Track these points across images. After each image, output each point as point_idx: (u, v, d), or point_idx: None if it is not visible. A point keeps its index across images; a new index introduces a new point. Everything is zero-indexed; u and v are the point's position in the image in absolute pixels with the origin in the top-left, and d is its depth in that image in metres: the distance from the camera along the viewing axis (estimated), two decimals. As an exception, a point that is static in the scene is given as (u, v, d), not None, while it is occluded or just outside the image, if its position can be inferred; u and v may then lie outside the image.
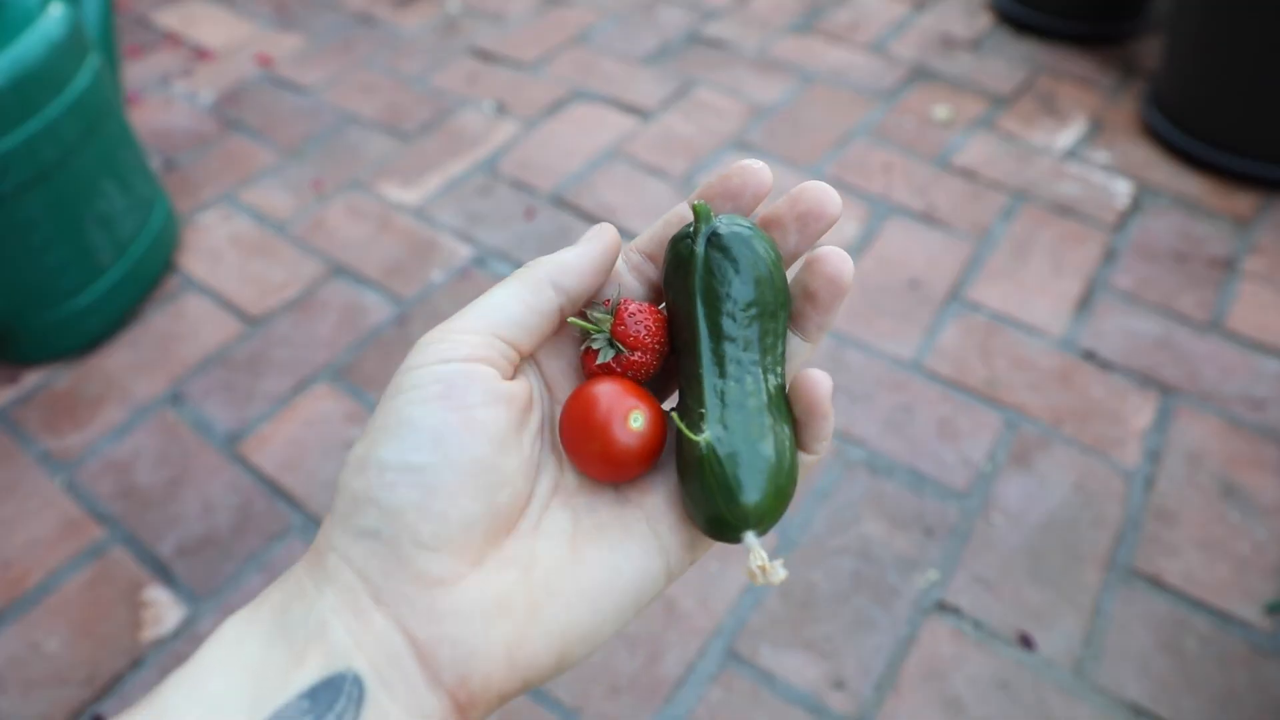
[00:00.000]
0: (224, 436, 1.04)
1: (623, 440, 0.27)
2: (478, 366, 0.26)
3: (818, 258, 0.28)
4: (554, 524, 0.27)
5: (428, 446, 0.25)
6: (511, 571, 0.26)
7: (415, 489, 0.24)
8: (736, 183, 0.30)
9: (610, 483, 0.29)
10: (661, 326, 0.30)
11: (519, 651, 0.25)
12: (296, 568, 0.26)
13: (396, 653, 0.24)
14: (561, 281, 0.29)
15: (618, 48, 1.71)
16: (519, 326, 0.28)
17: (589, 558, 0.27)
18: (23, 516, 0.96)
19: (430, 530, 0.24)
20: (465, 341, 0.27)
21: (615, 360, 0.29)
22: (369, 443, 0.25)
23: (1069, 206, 1.35)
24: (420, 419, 0.25)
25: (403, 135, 1.50)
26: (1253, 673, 0.83)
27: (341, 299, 1.21)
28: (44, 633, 0.86)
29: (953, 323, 1.17)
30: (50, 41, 0.99)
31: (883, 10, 1.83)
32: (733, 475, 0.26)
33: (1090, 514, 0.96)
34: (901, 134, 1.49)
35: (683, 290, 0.28)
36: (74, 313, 1.10)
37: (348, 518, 0.25)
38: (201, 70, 1.66)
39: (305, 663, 0.23)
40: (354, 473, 0.25)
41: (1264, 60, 1.28)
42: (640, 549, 0.27)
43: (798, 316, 0.30)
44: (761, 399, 0.27)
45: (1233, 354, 1.12)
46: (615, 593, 0.26)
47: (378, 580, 0.24)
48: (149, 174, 1.23)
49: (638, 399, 0.28)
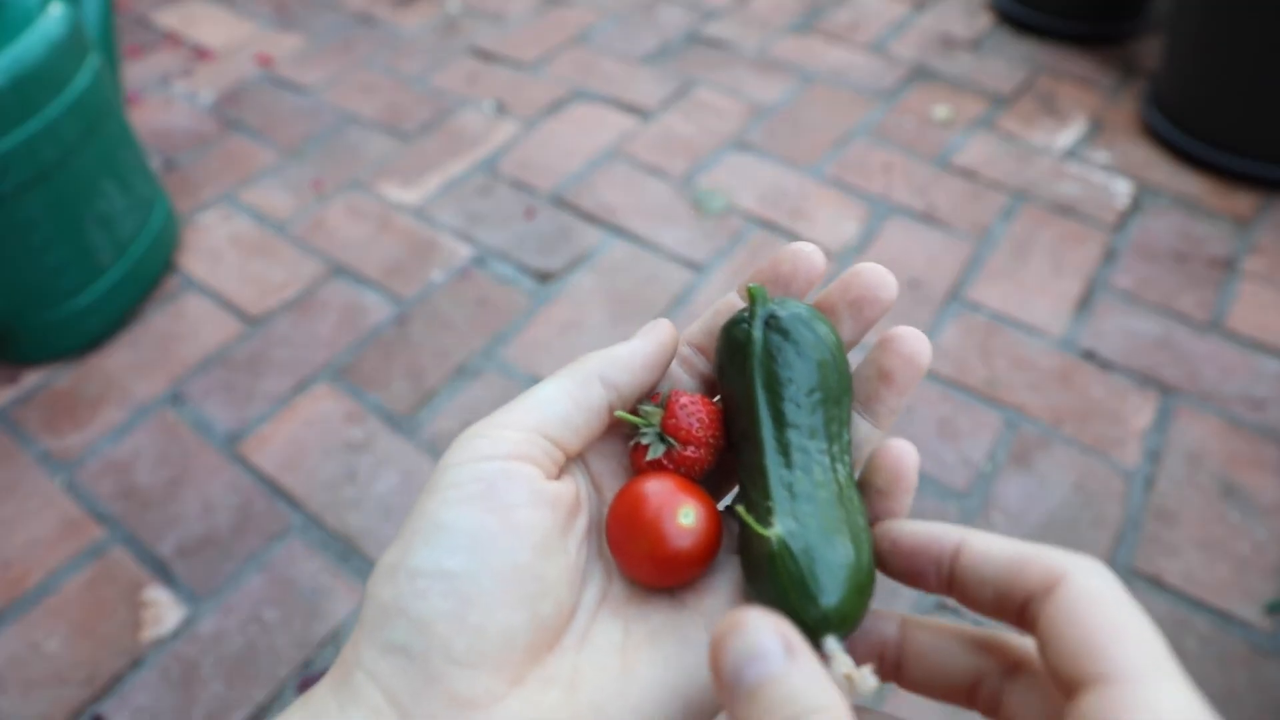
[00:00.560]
0: (224, 436, 1.04)
1: (673, 539, 0.25)
2: (521, 465, 0.24)
3: (895, 337, 0.27)
4: (602, 636, 0.25)
5: (464, 551, 0.23)
6: (555, 691, 0.23)
7: (449, 598, 0.22)
8: (787, 268, 0.28)
9: (662, 588, 0.26)
10: (716, 419, 0.28)
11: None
12: (321, 684, 0.23)
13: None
14: (612, 377, 0.27)
15: (618, 47, 1.71)
16: (566, 424, 0.26)
17: (641, 673, 0.24)
18: (23, 516, 0.96)
19: (465, 644, 0.22)
20: (508, 438, 0.25)
21: (667, 456, 0.27)
22: (401, 547, 0.23)
23: (1069, 206, 1.35)
24: (456, 521, 0.23)
25: (403, 135, 1.50)
26: (1253, 673, 0.83)
27: (341, 299, 1.21)
28: (44, 633, 0.86)
29: (953, 322, 1.17)
30: (50, 41, 0.99)
31: (883, 10, 1.83)
32: (809, 574, 0.23)
33: (1090, 514, 0.96)
34: (901, 134, 1.49)
35: (740, 376, 0.27)
36: (74, 313, 1.10)
37: (375, 630, 0.23)
38: (201, 70, 1.66)
39: None
40: (383, 580, 0.23)
41: (1264, 60, 1.28)
42: (700, 660, 0.24)
43: (869, 399, 0.28)
44: (832, 489, 0.25)
45: (1233, 354, 1.12)
46: (671, 710, 0.24)
47: (407, 702, 0.22)
48: (149, 174, 1.23)
49: (689, 495, 0.26)
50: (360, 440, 1.03)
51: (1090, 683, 0.19)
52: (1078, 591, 0.21)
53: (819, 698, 0.19)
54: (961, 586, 0.23)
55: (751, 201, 1.36)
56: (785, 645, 0.20)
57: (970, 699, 0.24)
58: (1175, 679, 0.19)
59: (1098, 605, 0.20)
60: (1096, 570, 0.21)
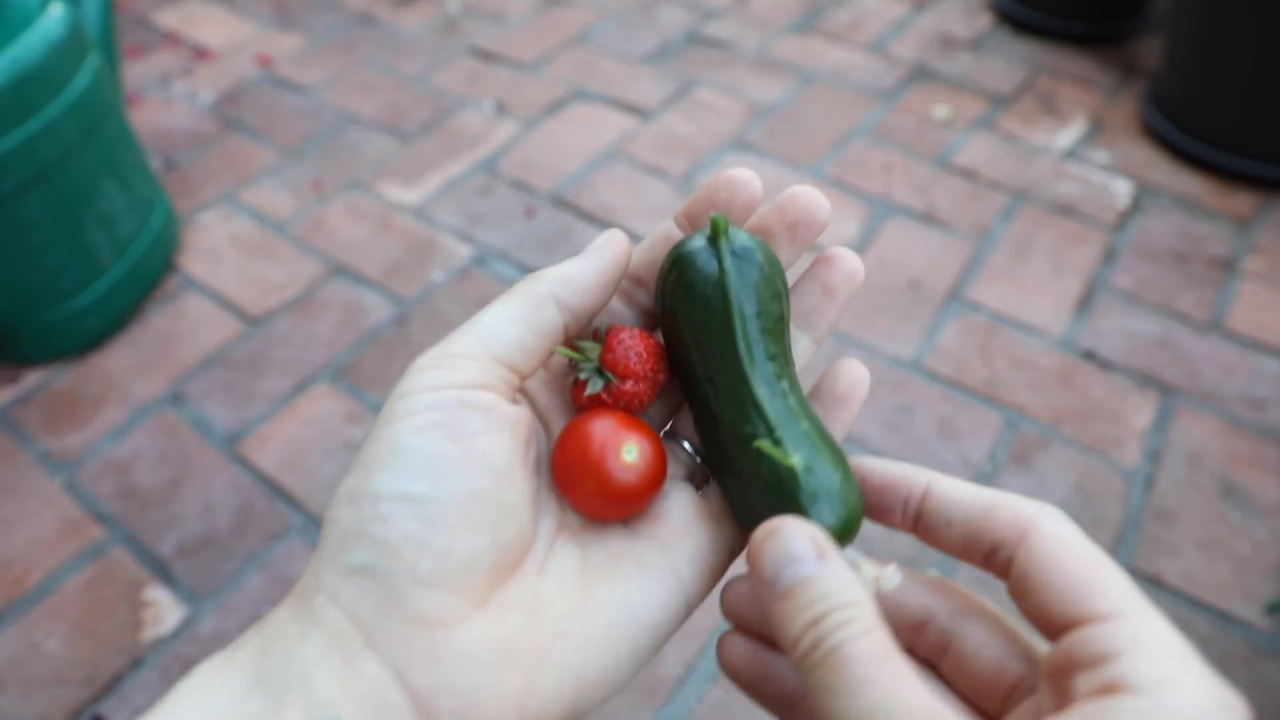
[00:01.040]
0: (224, 436, 1.04)
1: (618, 476, 0.25)
2: (478, 393, 0.25)
3: (836, 255, 0.29)
4: (561, 563, 0.25)
5: (426, 477, 0.23)
6: (517, 615, 0.23)
7: (413, 521, 0.22)
8: (725, 195, 0.29)
9: (614, 521, 0.27)
10: (655, 354, 0.28)
11: (530, 700, 0.22)
12: (279, 610, 0.23)
13: (390, 703, 0.21)
14: (565, 297, 0.27)
15: (618, 48, 1.71)
16: (519, 349, 0.26)
17: (601, 596, 0.25)
18: (23, 516, 0.96)
19: (429, 566, 0.22)
20: (462, 367, 0.25)
21: (606, 391, 0.27)
22: (361, 474, 0.23)
23: (1069, 206, 1.35)
24: (417, 447, 0.23)
25: (403, 135, 1.50)
26: (1253, 673, 0.83)
27: (341, 299, 1.21)
28: (44, 632, 0.86)
29: (953, 322, 1.17)
30: (50, 41, 0.99)
31: (883, 10, 1.83)
32: (825, 494, 0.25)
33: (1090, 514, 0.96)
34: (901, 134, 1.49)
35: (709, 307, 0.27)
36: (74, 313, 1.10)
37: (337, 554, 0.23)
38: (201, 70, 1.66)
39: (284, 715, 0.20)
40: (344, 505, 0.23)
41: (1264, 60, 1.28)
42: (657, 583, 0.25)
43: (809, 315, 0.29)
44: (811, 413, 0.27)
45: (1233, 354, 1.12)
46: (631, 632, 0.24)
47: (370, 621, 0.22)
48: (149, 174, 1.23)
49: (632, 431, 0.26)
50: (360, 440, 1.03)
51: (1082, 621, 0.21)
52: (1050, 538, 0.22)
53: (849, 594, 0.21)
54: (927, 526, 0.25)
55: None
56: (818, 549, 0.22)
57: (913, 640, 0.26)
58: (1158, 616, 0.21)
59: (1073, 550, 0.22)
60: (1061, 517, 0.23)
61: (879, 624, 0.21)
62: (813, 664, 0.21)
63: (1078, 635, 0.21)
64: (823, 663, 0.20)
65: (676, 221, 0.30)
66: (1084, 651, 0.21)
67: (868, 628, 0.21)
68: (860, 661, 0.20)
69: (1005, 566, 0.23)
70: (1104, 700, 0.20)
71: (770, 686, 0.27)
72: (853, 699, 0.20)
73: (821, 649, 0.21)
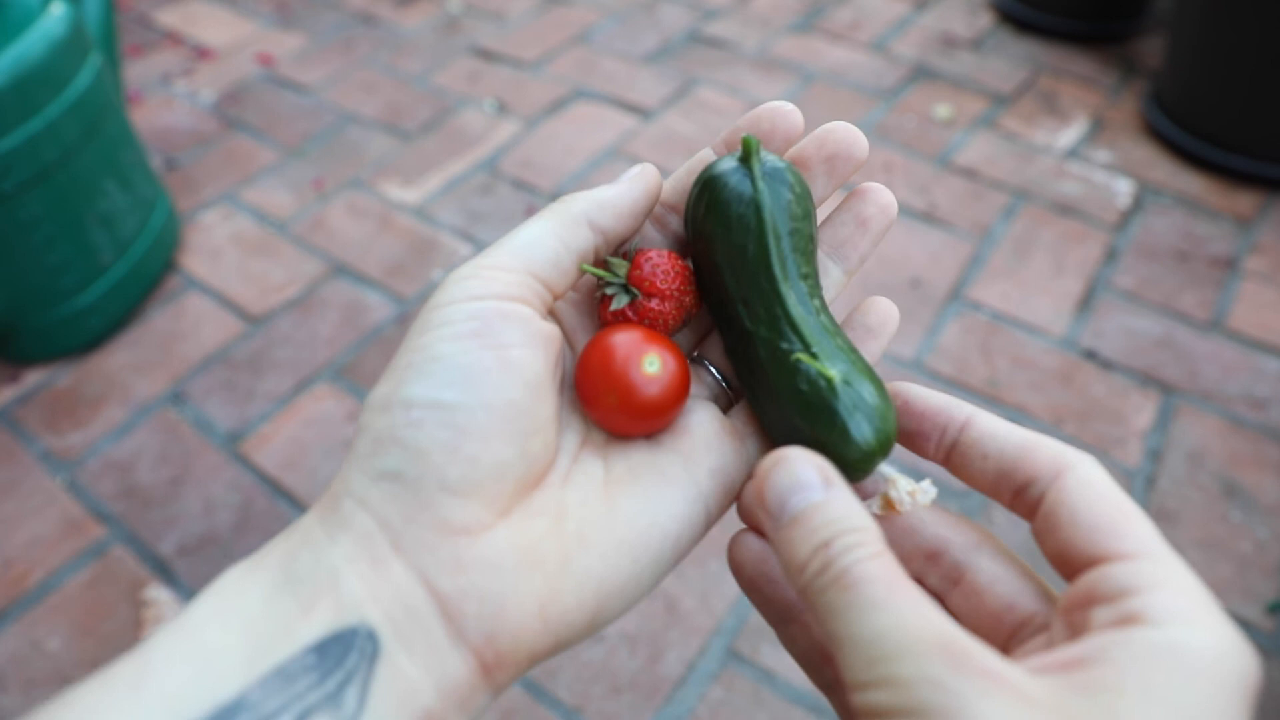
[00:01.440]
0: (225, 436, 1.04)
1: (640, 388, 0.25)
2: (515, 305, 0.25)
3: (868, 189, 0.29)
4: (584, 474, 0.26)
5: (460, 385, 0.23)
6: (541, 523, 0.24)
7: (444, 428, 0.22)
8: (767, 126, 0.29)
9: (636, 435, 0.27)
10: (683, 274, 0.28)
11: (552, 607, 0.23)
12: (308, 515, 0.23)
13: (417, 606, 0.21)
14: (599, 220, 0.27)
15: (618, 47, 1.71)
16: (554, 266, 0.26)
17: (623, 506, 0.25)
18: (24, 515, 0.96)
19: (459, 473, 0.22)
20: (499, 279, 0.25)
21: (631, 308, 0.27)
22: (395, 380, 0.23)
23: (1070, 206, 1.35)
24: (452, 356, 0.23)
25: (403, 134, 1.50)
26: (1254, 672, 0.83)
27: (342, 298, 1.21)
28: (45, 631, 0.87)
29: (954, 322, 1.17)
30: (51, 41, 0.99)
31: (884, 9, 1.83)
32: (863, 407, 0.25)
33: (1091, 513, 0.96)
34: (902, 133, 1.49)
35: (743, 226, 0.27)
36: (75, 312, 1.10)
37: (367, 459, 0.23)
38: (202, 69, 1.66)
39: (313, 615, 0.21)
40: (377, 411, 0.23)
41: (1265, 60, 1.28)
42: (678, 495, 0.25)
43: (843, 244, 0.30)
44: (842, 333, 0.27)
45: (1234, 353, 1.12)
46: (653, 541, 0.24)
47: (398, 526, 0.22)
48: (150, 173, 1.23)
49: (654, 344, 0.26)
50: (361, 439, 1.03)
51: (1106, 558, 0.21)
52: (1086, 479, 0.23)
53: (855, 520, 0.21)
54: (962, 458, 0.25)
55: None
56: (824, 477, 0.22)
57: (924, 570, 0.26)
58: (1180, 561, 0.21)
59: (1105, 493, 0.22)
60: (1097, 464, 0.23)
61: (887, 549, 0.21)
62: (821, 586, 0.21)
63: (1100, 571, 0.21)
64: (832, 585, 0.20)
65: (715, 150, 0.30)
66: (1105, 586, 0.21)
67: (877, 551, 0.21)
68: (872, 583, 0.20)
69: (1034, 505, 0.24)
70: (1121, 631, 0.20)
71: (771, 589, 0.27)
72: (864, 620, 0.19)
73: (830, 571, 0.21)
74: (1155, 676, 0.19)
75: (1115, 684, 0.18)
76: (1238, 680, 0.19)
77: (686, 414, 0.28)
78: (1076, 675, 0.19)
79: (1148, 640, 0.19)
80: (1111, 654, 0.19)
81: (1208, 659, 0.19)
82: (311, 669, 0.20)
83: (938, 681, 0.18)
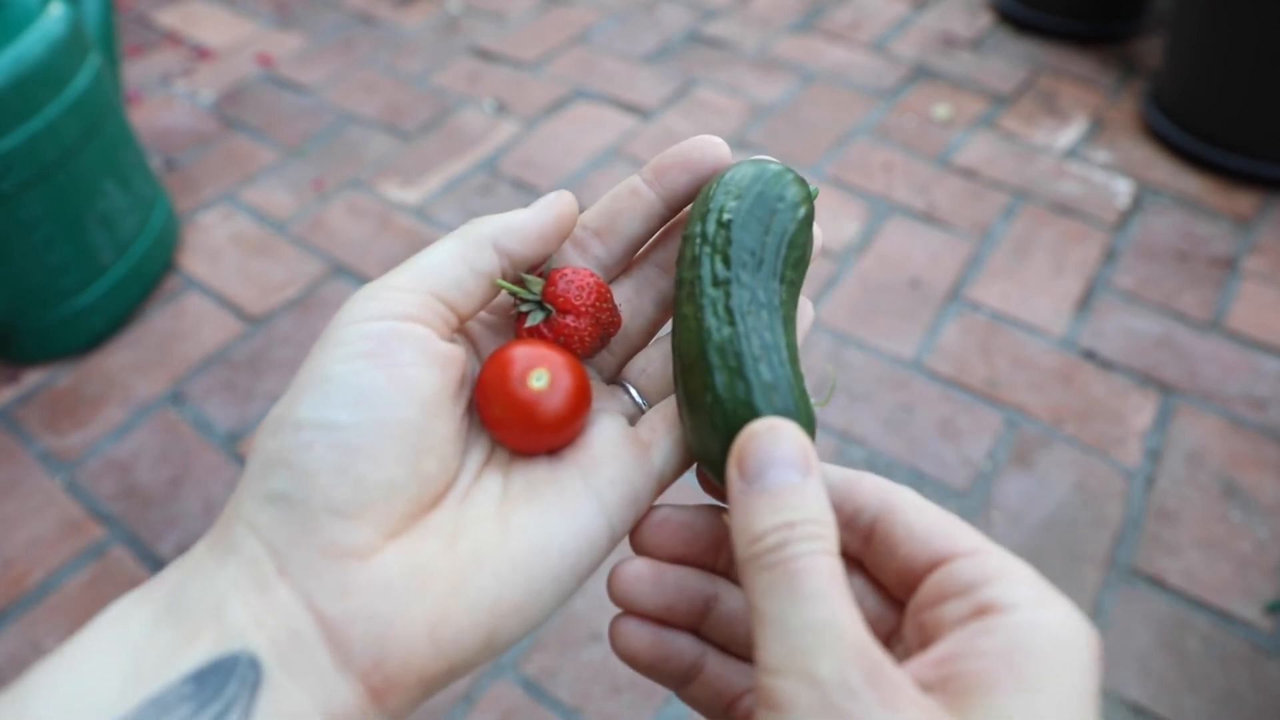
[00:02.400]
0: (225, 436, 1.04)
1: (531, 402, 0.25)
2: (412, 325, 0.24)
3: None
4: (483, 492, 0.25)
5: (350, 404, 0.23)
6: (433, 542, 0.23)
7: (333, 449, 0.22)
8: (696, 155, 0.29)
9: (536, 451, 0.27)
10: (599, 292, 0.27)
11: (443, 628, 0.22)
12: (200, 543, 0.23)
13: (302, 631, 0.21)
14: (505, 244, 0.27)
15: (618, 47, 1.71)
16: (458, 287, 0.26)
17: (518, 522, 0.24)
18: (24, 516, 0.96)
19: (346, 495, 0.22)
20: (398, 299, 0.25)
21: (546, 324, 0.27)
22: (288, 401, 0.23)
23: (1070, 206, 1.35)
24: (344, 376, 0.23)
25: (403, 134, 1.50)
26: (1254, 672, 0.83)
27: (342, 298, 1.21)
28: (45, 631, 0.87)
29: (953, 322, 1.17)
30: (51, 41, 0.99)
31: (883, 9, 1.83)
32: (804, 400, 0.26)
33: (1090, 513, 0.96)
34: (902, 133, 1.49)
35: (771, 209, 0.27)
36: (75, 312, 1.10)
37: (257, 481, 0.22)
38: (202, 69, 1.66)
39: (195, 643, 0.20)
40: (268, 433, 0.23)
41: (1264, 59, 1.28)
42: (575, 509, 0.25)
43: None
44: None
45: (1233, 353, 1.12)
46: (551, 559, 0.24)
47: (284, 549, 0.21)
48: (149, 173, 1.23)
49: (547, 357, 0.26)
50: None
51: (946, 559, 0.23)
52: (911, 501, 0.24)
53: (822, 515, 0.22)
54: None
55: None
56: (806, 462, 0.23)
57: None
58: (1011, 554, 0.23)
59: (930, 510, 0.24)
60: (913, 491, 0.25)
61: (838, 554, 0.22)
62: (768, 563, 0.21)
63: (943, 570, 0.22)
64: (779, 564, 0.21)
65: (643, 177, 0.30)
66: (950, 583, 0.22)
67: (830, 550, 0.22)
68: (816, 575, 0.21)
69: (865, 534, 0.25)
70: (979, 621, 0.21)
71: (669, 665, 0.27)
72: (798, 608, 0.20)
73: (784, 552, 0.21)
74: (1023, 662, 0.20)
75: (990, 682, 0.20)
76: (1088, 652, 0.20)
77: (589, 427, 0.27)
78: (952, 682, 0.20)
79: (1007, 626, 0.20)
80: (977, 646, 0.20)
81: (1061, 636, 0.20)
82: (188, 699, 0.20)
83: (852, 688, 0.19)
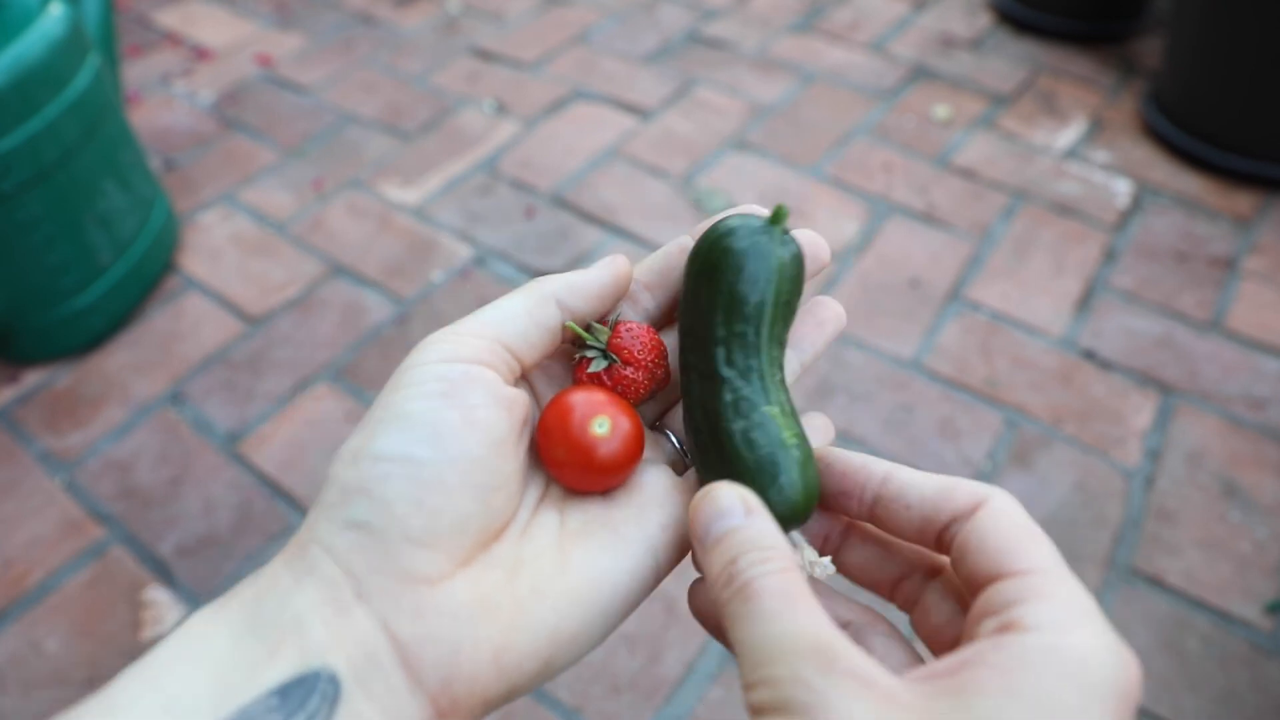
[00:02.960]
0: (224, 436, 1.04)
1: (592, 446, 0.27)
2: (482, 369, 0.26)
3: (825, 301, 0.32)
4: (541, 529, 0.27)
5: (427, 441, 0.24)
6: (498, 574, 0.25)
7: (410, 482, 0.24)
8: None
9: (590, 491, 0.29)
10: (657, 348, 0.30)
11: (506, 655, 0.24)
12: (274, 562, 0.24)
13: (377, 652, 0.22)
14: (568, 301, 0.29)
15: (618, 47, 1.71)
16: (523, 338, 0.28)
17: (575, 559, 0.26)
18: (23, 516, 0.96)
19: (421, 525, 0.24)
20: (468, 344, 0.27)
21: (607, 373, 0.29)
22: (365, 435, 0.25)
23: (1069, 206, 1.35)
24: (420, 414, 0.25)
25: (403, 135, 1.50)
26: (1254, 672, 0.83)
27: (342, 299, 1.21)
28: (44, 632, 0.86)
29: (953, 322, 1.17)
30: (50, 41, 0.99)
31: (883, 9, 1.83)
32: (802, 468, 0.26)
33: (1090, 513, 0.96)
34: (901, 133, 1.49)
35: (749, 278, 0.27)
36: (75, 312, 1.10)
37: (335, 508, 0.24)
38: (201, 70, 1.66)
39: (277, 659, 0.22)
40: (346, 464, 0.25)
41: (1264, 60, 1.28)
42: (628, 549, 0.27)
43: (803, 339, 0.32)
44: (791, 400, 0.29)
45: (1233, 353, 1.12)
46: (603, 594, 0.26)
47: (362, 574, 0.23)
48: (149, 174, 1.23)
49: (609, 406, 0.28)
50: (360, 440, 1.03)
51: (1001, 576, 0.23)
52: (998, 510, 0.24)
53: (766, 540, 0.23)
54: (886, 510, 0.27)
55: (752, 201, 1.35)
56: (745, 506, 0.24)
57: (892, 593, 0.28)
58: (1073, 578, 0.23)
59: (1012, 520, 0.24)
60: (1010, 497, 0.25)
61: (794, 567, 0.23)
62: (727, 597, 0.23)
63: (993, 588, 0.23)
64: (736, 595, 0.22)
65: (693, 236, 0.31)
66: (994, 600, 0.22)
67: (781, 567, 0.22)
68: (770, 595, 0.22)
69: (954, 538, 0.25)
70: (997, 637, 0.21)
71: None
72: (756, 628, 0.21)
73: (735, 583, 0.22)
74: (1021, 678, 0.19)
75: (980, 685, 0.20)
76: (1110, 686, 0.20)
77: (641, 472, 0.29)
78: (946, 679, 0.20)
79: (1020, 645, 0.20)
80: (985, 658, 0.20)
81: (1078, 663, 0.20)
82: (274, 710, 0.21)
83: (806, 681, 0.20)
